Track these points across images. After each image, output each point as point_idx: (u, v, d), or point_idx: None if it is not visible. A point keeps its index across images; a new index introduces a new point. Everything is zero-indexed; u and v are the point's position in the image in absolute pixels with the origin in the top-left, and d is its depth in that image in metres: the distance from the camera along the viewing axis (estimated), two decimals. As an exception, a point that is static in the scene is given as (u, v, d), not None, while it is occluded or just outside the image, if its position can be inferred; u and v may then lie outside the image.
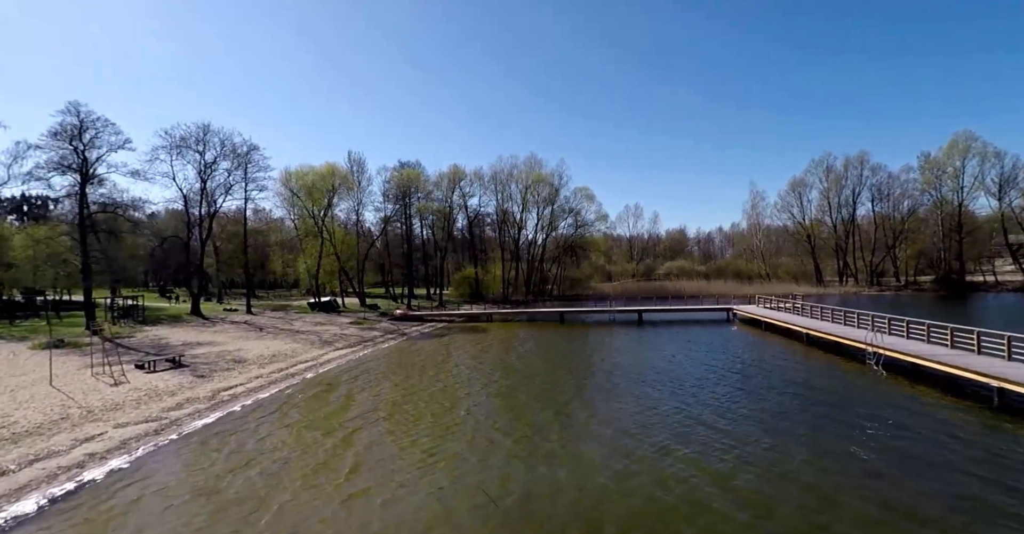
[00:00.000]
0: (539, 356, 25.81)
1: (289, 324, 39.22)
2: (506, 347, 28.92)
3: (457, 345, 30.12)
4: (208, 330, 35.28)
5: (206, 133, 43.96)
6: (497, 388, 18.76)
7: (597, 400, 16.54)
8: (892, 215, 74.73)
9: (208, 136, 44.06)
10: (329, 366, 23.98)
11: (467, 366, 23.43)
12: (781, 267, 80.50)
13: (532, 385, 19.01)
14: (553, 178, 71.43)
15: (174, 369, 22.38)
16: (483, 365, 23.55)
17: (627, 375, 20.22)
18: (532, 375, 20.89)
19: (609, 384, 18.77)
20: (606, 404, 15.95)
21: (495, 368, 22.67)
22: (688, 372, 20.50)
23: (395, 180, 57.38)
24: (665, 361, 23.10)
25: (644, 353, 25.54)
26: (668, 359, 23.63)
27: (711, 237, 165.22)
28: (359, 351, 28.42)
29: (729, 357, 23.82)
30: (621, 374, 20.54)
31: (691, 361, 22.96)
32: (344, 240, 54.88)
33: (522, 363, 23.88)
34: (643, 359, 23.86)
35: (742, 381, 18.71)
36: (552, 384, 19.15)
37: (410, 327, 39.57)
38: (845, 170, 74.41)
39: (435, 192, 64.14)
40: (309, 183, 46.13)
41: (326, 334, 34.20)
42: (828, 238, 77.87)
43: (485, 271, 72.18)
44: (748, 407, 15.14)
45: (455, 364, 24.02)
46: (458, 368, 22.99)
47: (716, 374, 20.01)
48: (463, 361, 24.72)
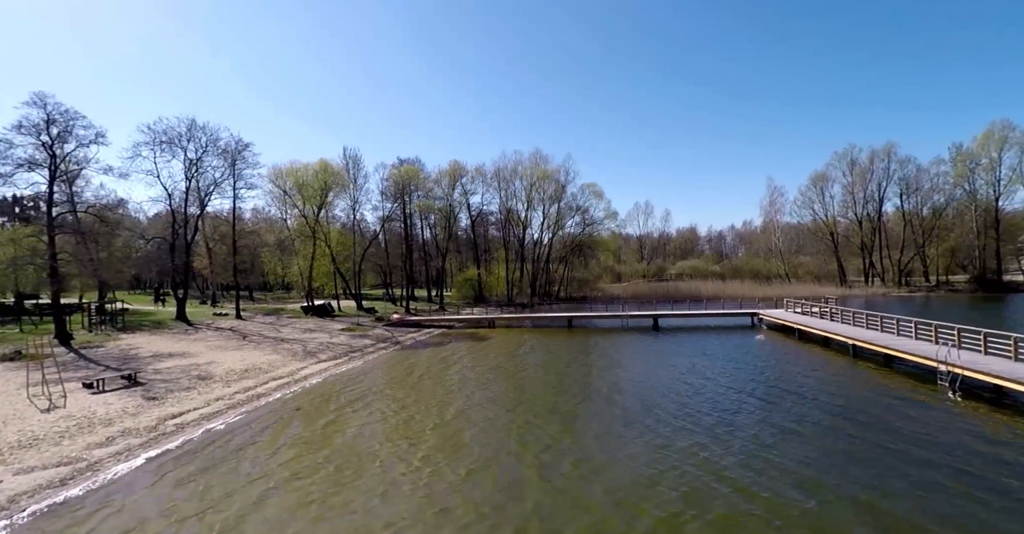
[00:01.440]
0: (541, 371, 22.64)
1: (276, 331, 36.44)
2: (506, 360, 25.80)
3: (453, 357, 27.05)
4: (187, 338, 32.61)
5: (191, 128, 41.36)
6: (483, 417, 15.64)
7: (591, 438, 13.25)
8: (920, 211, 70.37)
9: (193, 131, 41.45)
10: (304, 384, 21.02)
11: (459, 385, 20.34)
12: (802, 267, 76.43)
13: (520, 413, 15.86)
14: (559, 174, 68.22)
15: (127, 388, 19.56)
16: (475, 383, 20.44)
17: (636, 400, 16.95)
18: (524, 401, 17.72)
19: (612, 413, 15.49)
20: (603, 445, 12.66)
21: (487, 387, 19.56)
22: (710, 397, 17.07)
23: (393, 177, 54.48)
24: (682, 379, 19.79)
25: (659, 369, 22.22)
26: (686, 376, 20.30)
27: (722, 235, 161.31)
28: (344, 364, 25.46)
29: (759, 374, 20.46)
30: (630, 397, 17.29)
31: (714, 380, 19.62)
32: (340, 241, 52.11)
33: (517, 382, 20.75)
34: (657, 376, 20.56)
35: (778, 410, 15.30)
36: (545, 415, 15.93)
37: (405, 334, 36.59)
38: (871, 163, 70.14)
39: (436, 190, 61.20)
40: (300, 180, 43.28)
41: (312, 343, 31.32)
42: (852, 236, 73.61)
43: (488, 272, 69.16)
44: (790, 452, 11.64)
45: (446, 383, 20.93)
46: (448, 389, 19.90)
47: (744, 399, 16.59)
48: (456, 378, 21.63)
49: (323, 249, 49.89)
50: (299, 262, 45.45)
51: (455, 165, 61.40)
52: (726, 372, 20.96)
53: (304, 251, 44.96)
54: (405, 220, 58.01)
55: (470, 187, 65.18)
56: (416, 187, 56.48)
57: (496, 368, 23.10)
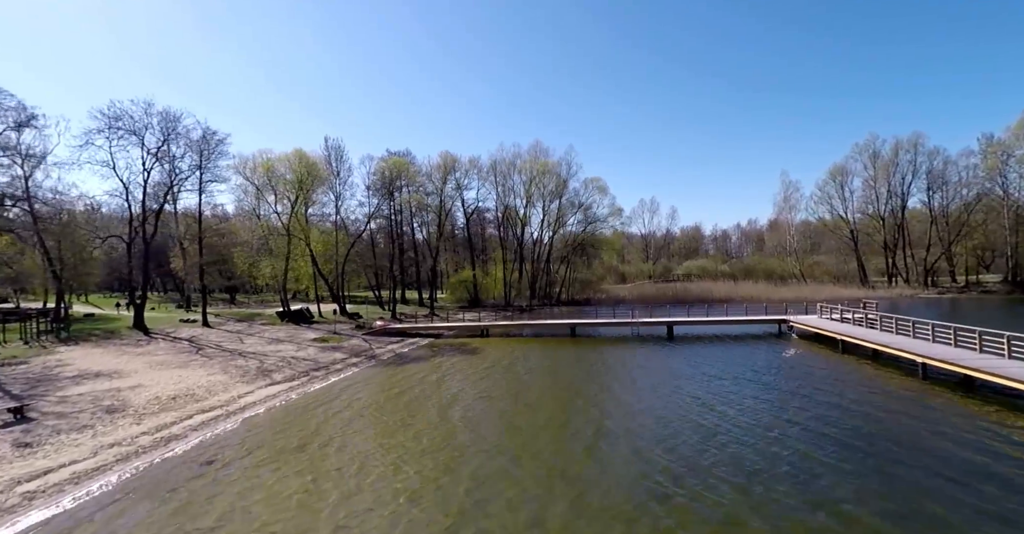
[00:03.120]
0: (538, 399, 18.15)
1: (239, 342, 32.04)
2: (498, 382, 21.32)
3: (433, 378, 22.58)
4: (132, 352, 28.22)
5: (148, 113, 36.92)
6: (462, 490, 11.17)
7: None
8: (946, 207, 65.69)
9: (151, 117, 37.02)
10: (238, 419, 16.56)
11: (434, 424, 15.86)
12: (819, 266, 71.82)
13: (512, 482, 11.40)
14: (561, 168, 63.68)
15: (5, 426, 15.21)
16: (456, 421, 15.96)
17: (639, 453, 12.44)
18: (517, 451, 13.25)
19: (629, 477, 11.03)
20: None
21: (472, 426, 15.07)
22: (744, 451, 12.17)
23: (380, 170, 50.01)
24: (702, 414, 15.22)
25: (674, 396, 17.64)
26: (710, 410, 15.66)
27: (727, 234, 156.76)
28: (300, 387, 21.00)
29: (803, 406, 15.87)
30: (647, 448, 12.78)
31: (749, 415, 15.07)
32: (321, 240, 47.68)
33: (509, 419, 16.24)
34: (669, 411, 15.97)
35: (848, 473, 10.69)
36: (545, 480, 11.47)
37: (386, 345, 32.14)
38: (895, 155, 65.40)
39: (427, 185, 56.69)
40: (272, 172, 38.78)
41: (273, 358, 26.89)
42: (873, 233, 68.88)
43: (485, 273, 64.67)
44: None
45: (416, 422, 16.45)
46: (418, 432, 15.42)
47: (794, 454, 11.85)
48: (431, 413, 17.14)
49: (302, 248, 45.48)
50: (273, 263, 40.93)
51: (447, 157, 56.81)
52: (761, 403, 16.39)
53: (279, 251, 40.50)
54: (391, 217, 53.49)
55: (465, 181, 60.80)
56: (406, 181, 52.00)
57: (485, 396, 18.62)
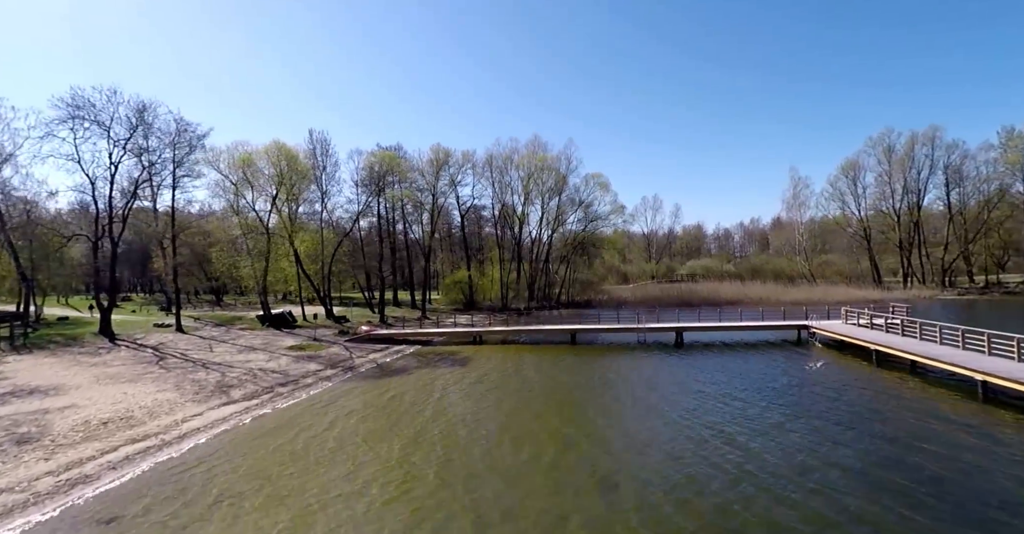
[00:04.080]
0: (531, 428, 15.36)
1: (208, 350, 29.30)
2: (488, 401, 18.55)
3: (412, 396, 19.80)
4: (84, 363, 25.48)
5: (114, 102, 34.14)
6: None
7: None
8: (964, 203, 62.73)
9: (116, 106, 34.22)
10: (172, 453, 13.77)
11: (403, 463, 13.07)
12: (830, 266, 68.96)
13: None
14: (560, 163, 60.82)
15: None
16: (431, 460, 13.17)
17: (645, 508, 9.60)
18: (474, 502, 10.45)
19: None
20: None
21: (446, 465, 12.28)
22: (777, 509, 9.22)
23: (369, 165, 47.17)
24: (721, 450, 12.33)
25: (686, 423, 14.80)
26: (725, 444, 12.76)
27: (730, 233, 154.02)
28: (258, 408, 18.22)
29: (843, 438, 12.98)
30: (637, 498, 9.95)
31: (773, 451, 12.19)
32: (306, 239, 44.91)
33: (494, 460, 13.46)
34: (681, 445, 13.05)
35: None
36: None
37: (369, 354, 29.36)
38: (910, 149, 62.44)
39: (419, 180, 53.85)
40: (250, 166, 35.89)
41: (237, 370, 24.12)
42: (887, 231, 65.92)
43: (481, 273, 61.87)
44: None
45: (384, 460, 13.66)
46: (383, 484, 12.64)
47: (843, 512, 8.98)
48: (404, 443, 14.35)
49: (285, 248, 42.71)
50: (252, 263, 38.12)
51: (439, 150, 53.80)
52: (791, 434, 13.53)
53: (258, 250, 37.71)
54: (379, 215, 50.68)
55: (459, 177, 57.87)
56: (397, 177, 49.16)
57: (466, 424, 15.82)
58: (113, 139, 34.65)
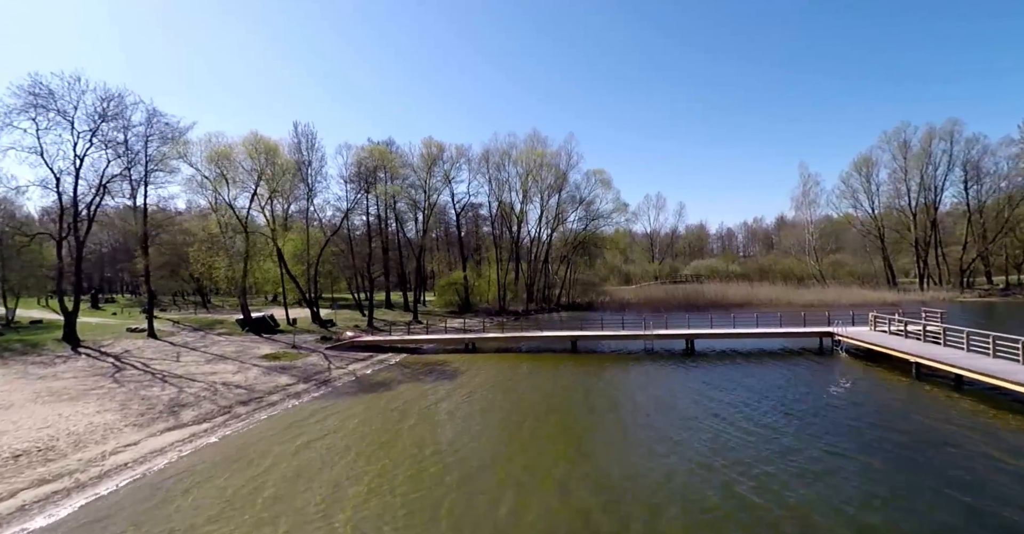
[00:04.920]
0: (504, 463, 12.77)
1: (174, 360, 26.79)
2: (464, 430, 15.97)
3: (382, 421, 17.25)
4: (33, 374, 23.04)
5: (76, 89, 31.60)
6: None
7: None
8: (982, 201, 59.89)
9: (79, 93, 31.68)
10: (78, 500, 11.22)
11: (352, 511, 10.50)
12: (841, 267, 66.20)
13: None
14: (560, 159, 58.18)
15: None
16: (397, 511, 10.60)
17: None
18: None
19: None
20: None
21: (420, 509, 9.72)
22: None
23: (358, 160, 44.59)
24: (752, 509, 9.70)
25: (705, 465, 12.21)
26: (756, 496, 10.11)
27: (732, 233, 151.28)
28: (206, 435, 15.67)
29: (921, 491, 10.39)
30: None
31: (825, 511, 9.62)
32: (292, 238, 42.42)
33: (477, 510, 10.88)
34: (698, 497, 10.47)
35: None
36: None
37: (350, 363, 26.83)
38: (928, 144, 59.61)
39: (411, 177, 51.22)
40: (226, 159, 33.29)
41: (200, 384, 21.60)
42: (902, 230, 63.02)
43: (478, 274, 59.33)
44: None
45: (318, 516, 11.09)
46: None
47: None
48: (365, 491, 11.78)
49: (268, 247, 40.20)
50: (231, 263, 35.55)
51: (431, 143, 51.09)
52: (840, 480, 10.93)
53: (236, 249, 35.17)
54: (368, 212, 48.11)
55: (453, 173, 55.24)
56: (388, 173, 46.58)
57: (441, 461, 13.24)
58: (77, 130, 32.22)
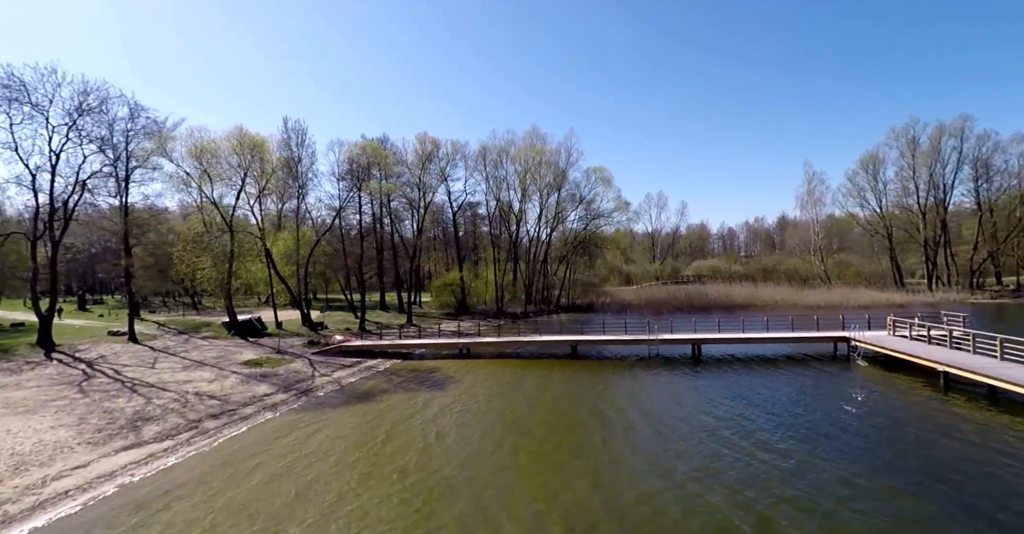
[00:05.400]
0: (480, 504, 11.24)
1: (148, 367, 25.21)
2: (443, 453, 14.43)
3: (367, 436, 15.72)
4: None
5: (51, 82, 30.06)
6: None
7: None
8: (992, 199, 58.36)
9: (53, 86, 30.14)
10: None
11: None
12: (848, 267, 64.65)
13: None
14: (560, 156, 56.60)
15: None
16: None
17: None
18: None
19: None
20: None
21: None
22: None
23: (351, 157, 43.02)
24: None
25: (718, 505, 10.75)
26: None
27: (734, 232, 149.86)
28: (164, 456, 14.10)
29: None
30: None
31: None
32: (283, 237, 40.88)
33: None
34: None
35: None
36: None
37: (336, 370, 25.29)
38: (937, 141, 58.02)
39: (406, 174, 49.65)
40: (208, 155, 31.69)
41: (170, 394, 20.04)
42: (910, 229, 61.39)
43: (475, 275, 57.78)
44: None
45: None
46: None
47: None
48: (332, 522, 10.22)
49: (256, 247, 38.65)
50: (216, 264, 33.97)
51: (425, 139, 49.39)
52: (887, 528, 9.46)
53: (220, 249, 33.61)
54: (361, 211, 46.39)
55: (449, 171, 53.67)
56: (382, 170, 45.01)
57: (421, 481, 11.70)
58: (53, 124, 30.70)
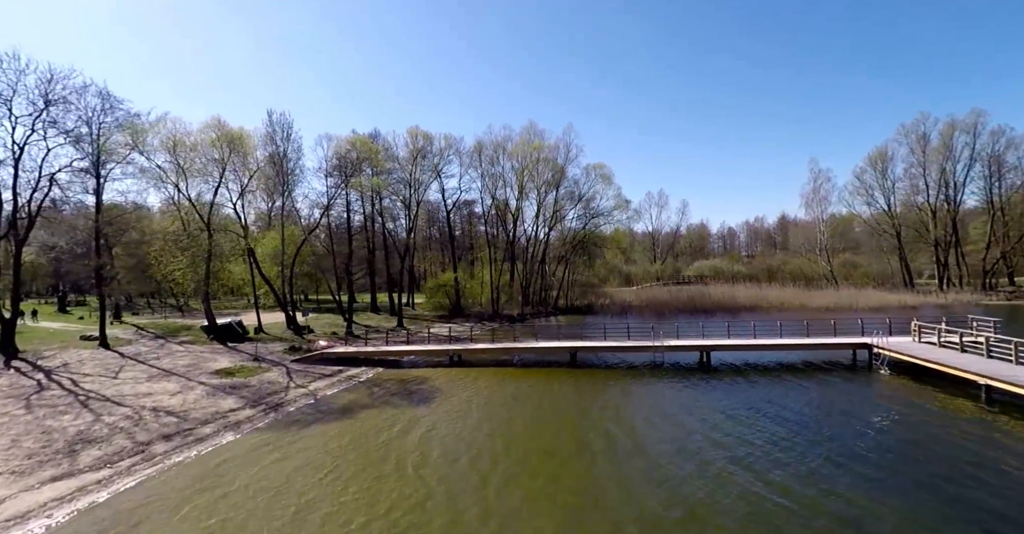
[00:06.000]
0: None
1: (111, 377, 23.18)
2: (434, 473, 12.47)
3: (334, 465, 13.76)
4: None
5: (15, 70, 27.98)
6: None
7: None
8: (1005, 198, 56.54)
9: (20, 75, 28.07)
10: None
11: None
12: (856, 268, 62.82)
13: None
14: (558, 151, 54.66)
15: None
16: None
17: None
18: None
19: None
20: None
21: None
22: None
23: (339, 152, 41.03)
24: None
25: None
26: None
27: (734, 232, 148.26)
28: (98, 490, 12.09)
29: None
30: None
31: None
32: (269, 236, 38.90)
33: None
34: None
35: None
36: None
37: (314, 380, 23.30)
38: (950, 137, 56.17)
39: (398, 172, 47.63)
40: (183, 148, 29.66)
41: (123, 410, 18.05)
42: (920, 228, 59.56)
43: (470, 275, 55.83)
44: None
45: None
46: None
47: None
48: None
49: (239, 245, 36.66)
50: (194, 264, 31.92)
51: (416, 133, 47.20)
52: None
53: (196, 249, 31.59)
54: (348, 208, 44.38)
55: (443, 167, 51.64)
56: (371, 166, 42.97)
57: (387, 525, 9.75)
58: (16, 115, 28.63)
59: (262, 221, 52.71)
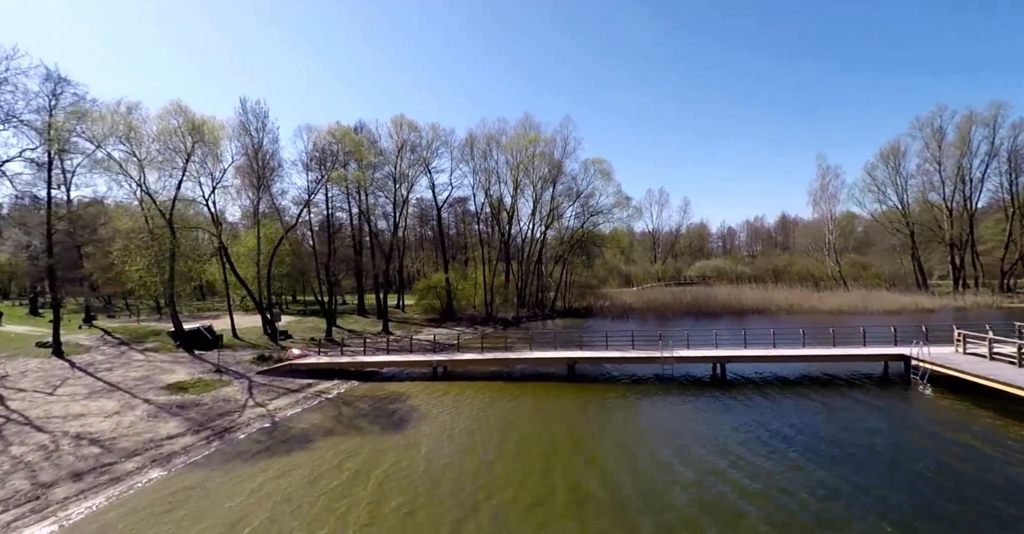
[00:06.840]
0: None
1: (47, 392, 20.47)
2: (397, 522, 9.78)
3: (282, 510, 11.08)
4: None
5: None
6: None
7: None
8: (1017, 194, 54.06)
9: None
10: None
11: None
12: (867, 268, 60.27)
13: None
14: (555, 145, 51.95)
15: None
16: None
17: None
18: None
19: None
20: None
21: None
22: None
23: (322, 145, 38.32)
24: None
25: None
26: None
27: (735, 232, 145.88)
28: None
29: None
30: None
31: None
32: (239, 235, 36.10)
33: None
34: None
35: None
36: None
37: (276, 397, 20.59)
38: (967, 131, 53.60)
39: (387, 167, 44.88)
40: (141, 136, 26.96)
41: (43, 436, 15.36)
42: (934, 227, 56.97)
43: (463, 276, 53.15)
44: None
45: None
46: None
47: None
48: None
49: (212, 243, 33.96)
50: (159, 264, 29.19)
51: (400, 122, 44.24)
52: None
53: (158, 247, 28.85)
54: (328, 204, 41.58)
55: (432, 161, 48.88)
56: (358, 160, 40.25)
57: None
58: (-47, 99, 25.84)
59: (248, 219, 50.01)
